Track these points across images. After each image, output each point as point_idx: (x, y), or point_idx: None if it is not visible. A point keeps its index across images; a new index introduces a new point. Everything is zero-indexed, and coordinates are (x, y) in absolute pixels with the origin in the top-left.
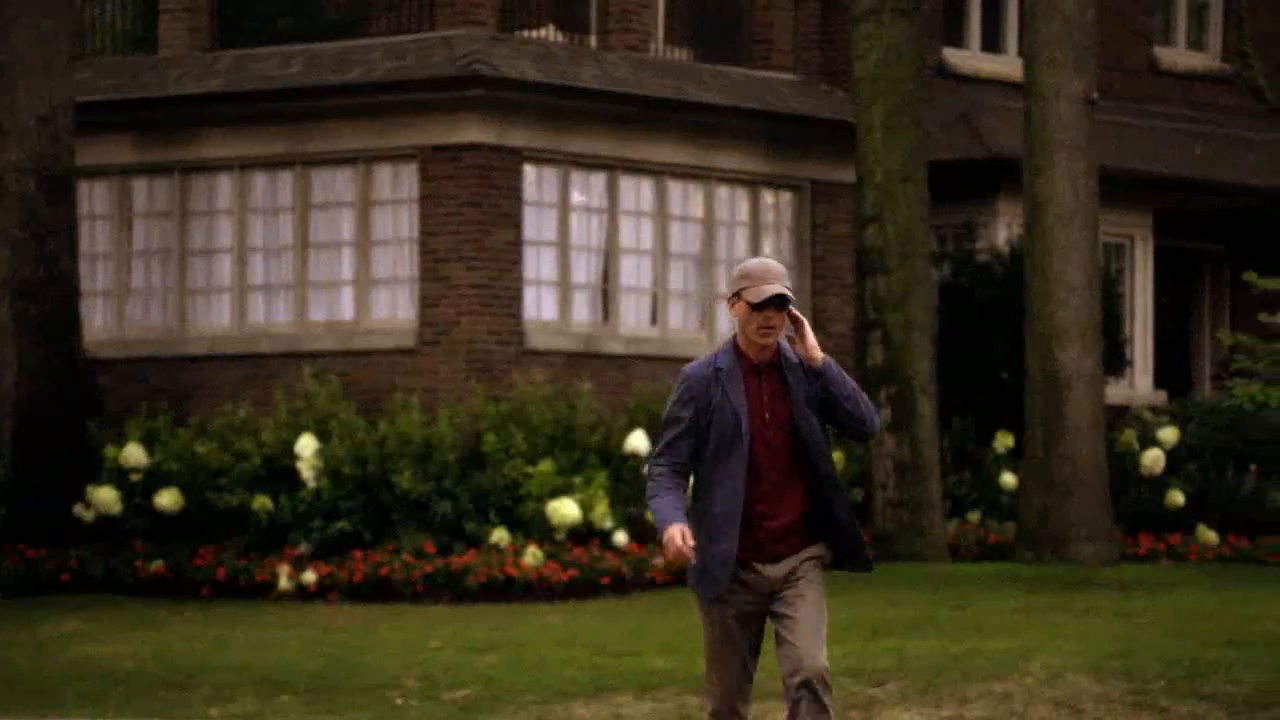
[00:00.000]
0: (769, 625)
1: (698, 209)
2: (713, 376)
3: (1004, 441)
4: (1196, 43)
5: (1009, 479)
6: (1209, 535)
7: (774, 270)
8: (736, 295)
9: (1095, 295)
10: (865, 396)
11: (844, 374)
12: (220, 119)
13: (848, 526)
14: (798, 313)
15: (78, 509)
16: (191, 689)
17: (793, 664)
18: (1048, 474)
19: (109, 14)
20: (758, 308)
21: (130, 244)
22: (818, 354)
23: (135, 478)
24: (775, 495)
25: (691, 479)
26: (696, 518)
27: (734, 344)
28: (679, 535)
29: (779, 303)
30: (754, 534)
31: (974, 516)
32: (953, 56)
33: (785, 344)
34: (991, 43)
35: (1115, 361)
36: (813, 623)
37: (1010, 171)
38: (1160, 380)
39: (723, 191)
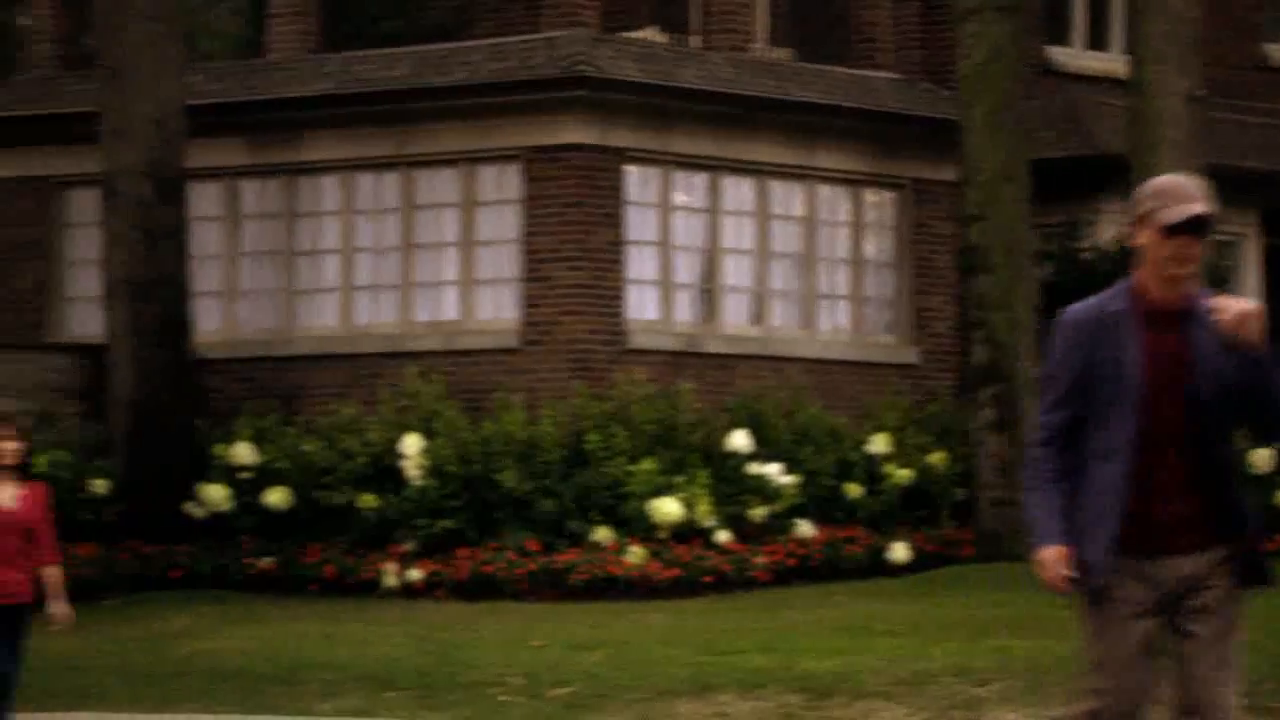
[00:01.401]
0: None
1: (799, 208)
2: (1100, 322)
3: None
4: None
5: None
6: None
7: (1192, 188)
8: (1143, 218)
9: None
10: None
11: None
12: (327, 121)
13: (1251, 526)
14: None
15: (189, 506)
16: (300, 684)
17: (1189, 699)
18: None
19: (219, 18)
20: (1173, 231)
21: (239, 245)
22: (1257, 335)
23: (244, 476)
24: (1168, 477)
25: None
26: (1071, 496)
27: (1131, 284)
28: (1056, 561)
29: (1200, 227)
30: (1142, 521)
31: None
32: (1057, 54)
33: (1201, 294)
34: (1096, 40)
35: None
36: (1222, 647)
37: (1114, 169)
38: None
39: (824, 190)
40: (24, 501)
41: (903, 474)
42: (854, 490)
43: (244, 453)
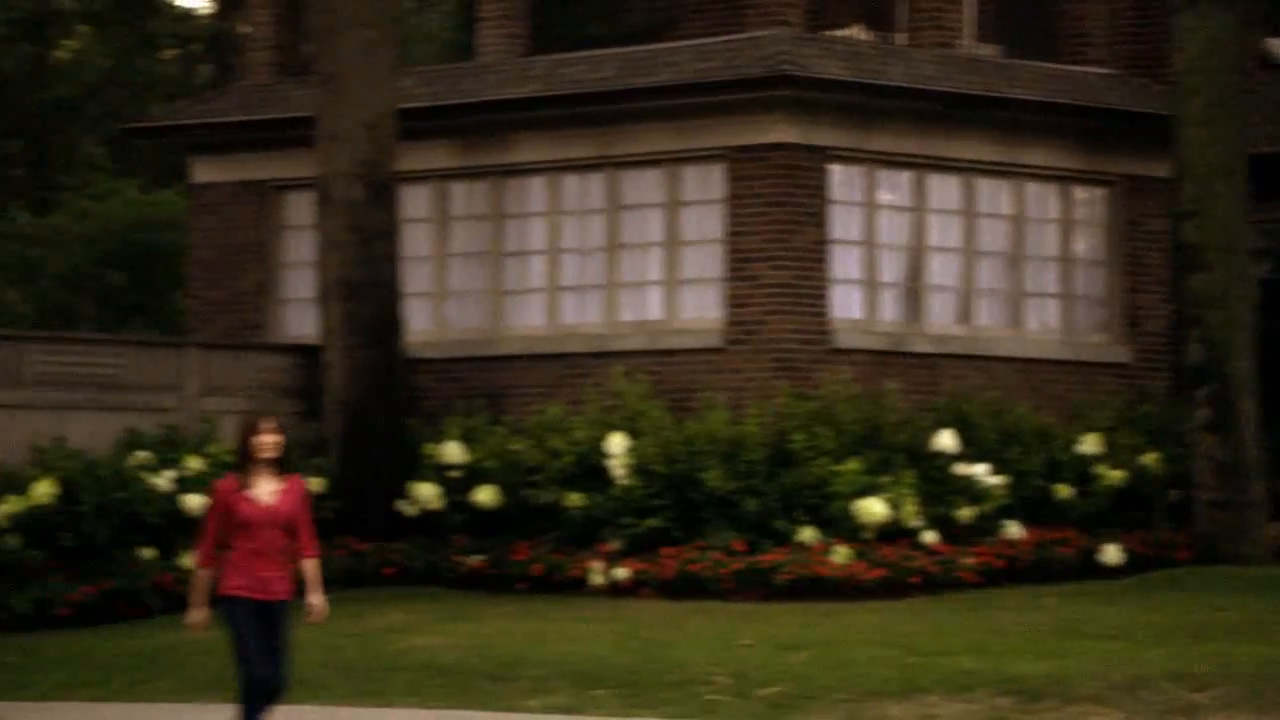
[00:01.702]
0: None
1: (1007, 206)
2: None
3: None
4: None
5: None
6: None
7: None
8: None
9: None
10: None
11: None
12: (534, 123)
13: None
14: None
15: (401, 504)
16: (509, 681)
17: None
18: None
19: (430, 23)
20: None
21: (448, 246)
22: None
23: (454, 474)
24: None
25: None
26: None
27: None
28: None
29: None
30: None
31: None
32: (1276, 46)
33: None
34: None
35: None
36: None
37: None
38: None
39: (1032, 188)
40: (283, 496)
41: (1115, 475)
42: (1064, 491)
43: (454, 451)
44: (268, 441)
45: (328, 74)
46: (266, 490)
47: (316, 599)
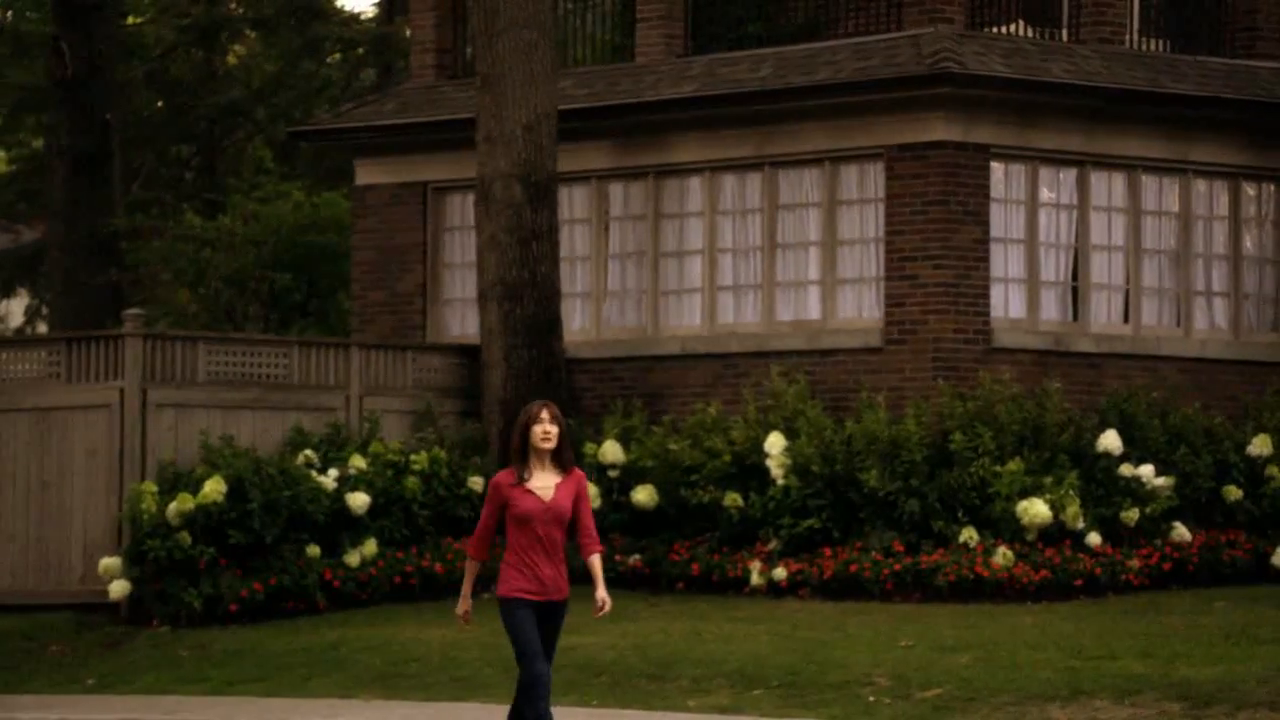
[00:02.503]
0: None
1: (1173, 203)
2: None
3: None
4: None
5: None
6: None
7: None
8: None
9: None
10: None
11: None
12: (692, 123)
13: None
14: None
15: None
16: (669, 680)
17: None
18: None
19: (589, 24)
20: None
21: (607, 247)
22: None
23: (613, 474)
24: None
25: None
26: None
27: None
28: None
29: None
30: None
31: None
32: None
33: None
34: None
35: None
36: None
37: None
38: None
39: (1200, 185)
40: (563, 490)
41: None
42: (1234, 493)
43: (612, 451)
44: (549, 433)
45: (487, 75)
46: (546, 484)
47: (602, 593)
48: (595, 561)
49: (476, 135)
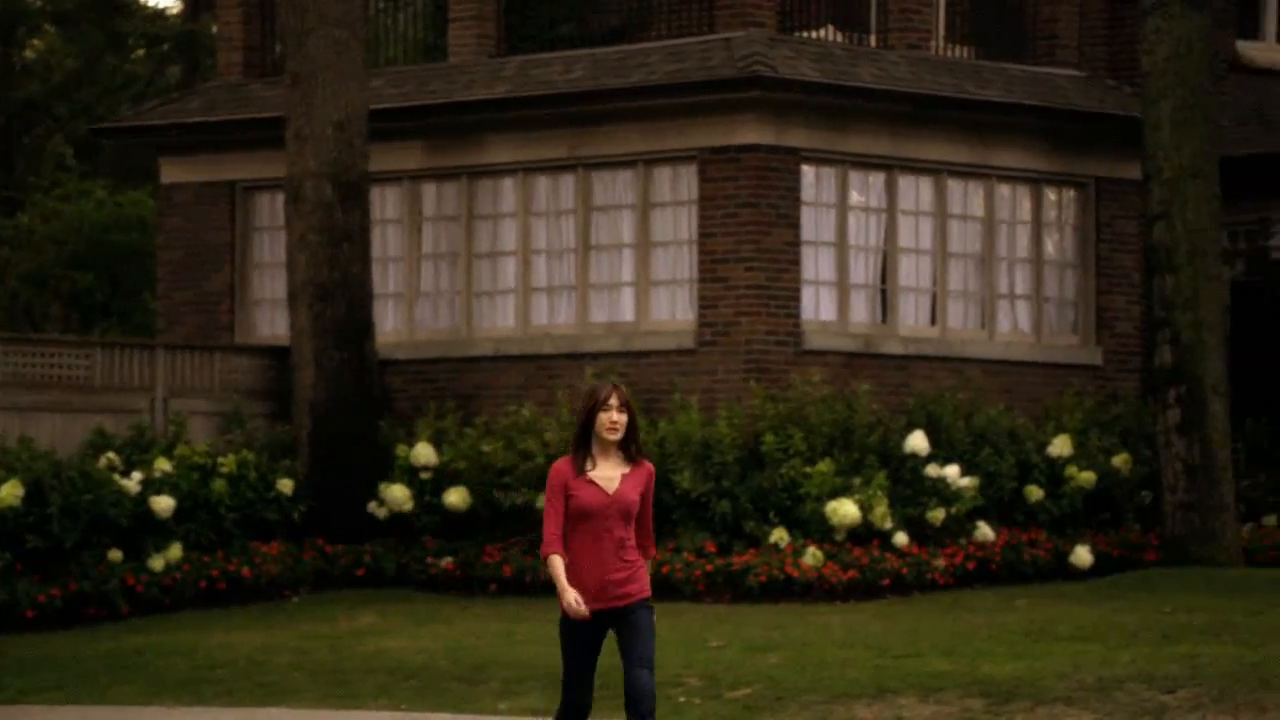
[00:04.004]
0: None
1: (978, 207)
2: None
3: None
4: None
5: None
6: None
7: None
8: None
9: None
10: None
11: None
12: (505, 124)
13: None
14: None
15: (371, 506)
16: (480, 683)
17: None
18: None
19: (401, 23)
20: None
21: (419, 247)
22: None
23: (425, 476)
24: None
25: None
26: None
27: None
28: None
29: None
30: None
31: (1270, 520)
32: (1247, 48)
33: None
34: None
35: None
36: None
37: None
38: None
39: (1004, 189)
40: (629, 483)
41: (1085, 476)
42: (1035, 493)
43: (424, 453)
44: (616, 421)
45: (297, 74)
46: (610, 475)
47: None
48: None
49: (286, 134)
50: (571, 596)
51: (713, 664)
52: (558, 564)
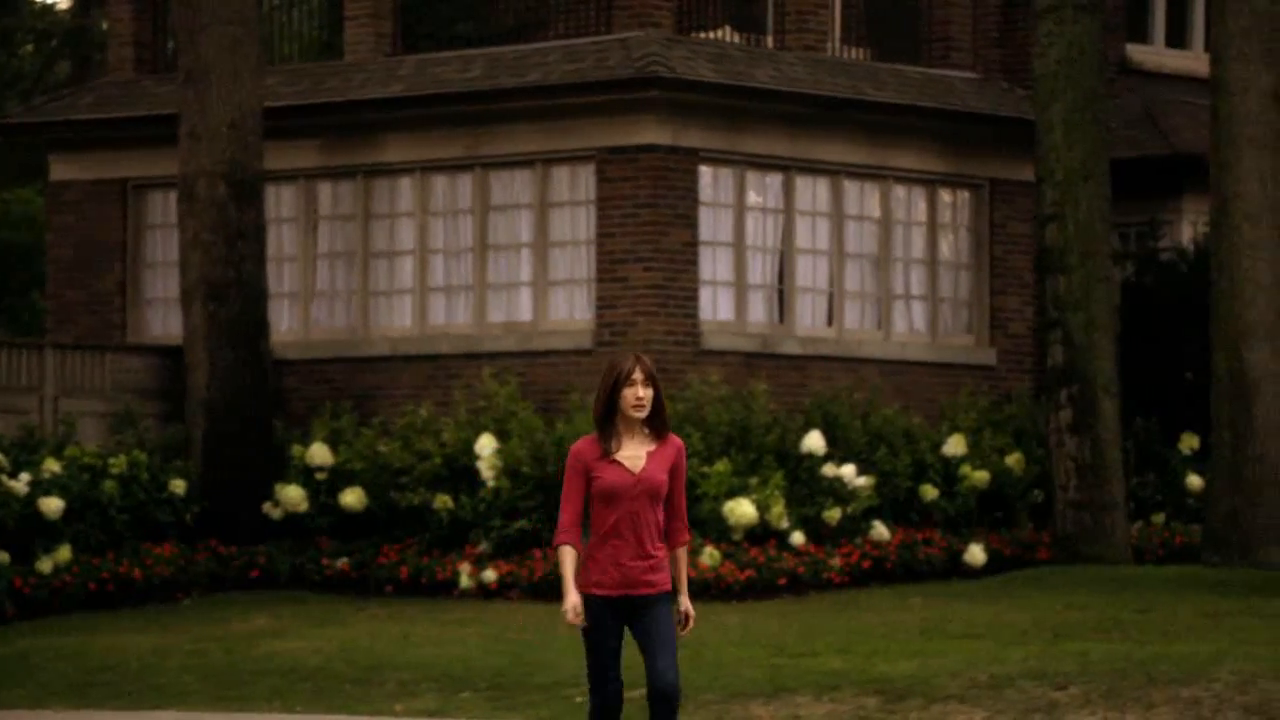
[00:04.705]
0: None
1: (874, 208)
2: None
3: (1189, 443)
4: None
5: (1195, 481)
6: None
7: None
8: None
9: None
10: None
11: None
12: (402, 123)
13: None
14: None
15: (266, 507)
16: (376, 685)
17: None
18: (1236, 476)
19: (296, 20)
20: None
21: (315, 247)
22: None
23: (321, 477)
24: None
25: None
26: None
27: None
28: None
29: None
30: None
31: (1159, 519)
32: (1136, 52)
33: None
34: (1176, 38)
35: None
36: None
37: (1195, 169)
38: None
39: (899, 191)
40: (656, 462)
41: (979, 476)
42: (930, 492)
43: (320, 453)
44: (640, 399)
45: (190, 71)
46: (636, 453)
47: (686, 604)
48: (681, 556)
49: (179, 132)
50: (570, 604)
51: None
52: (568, 558)
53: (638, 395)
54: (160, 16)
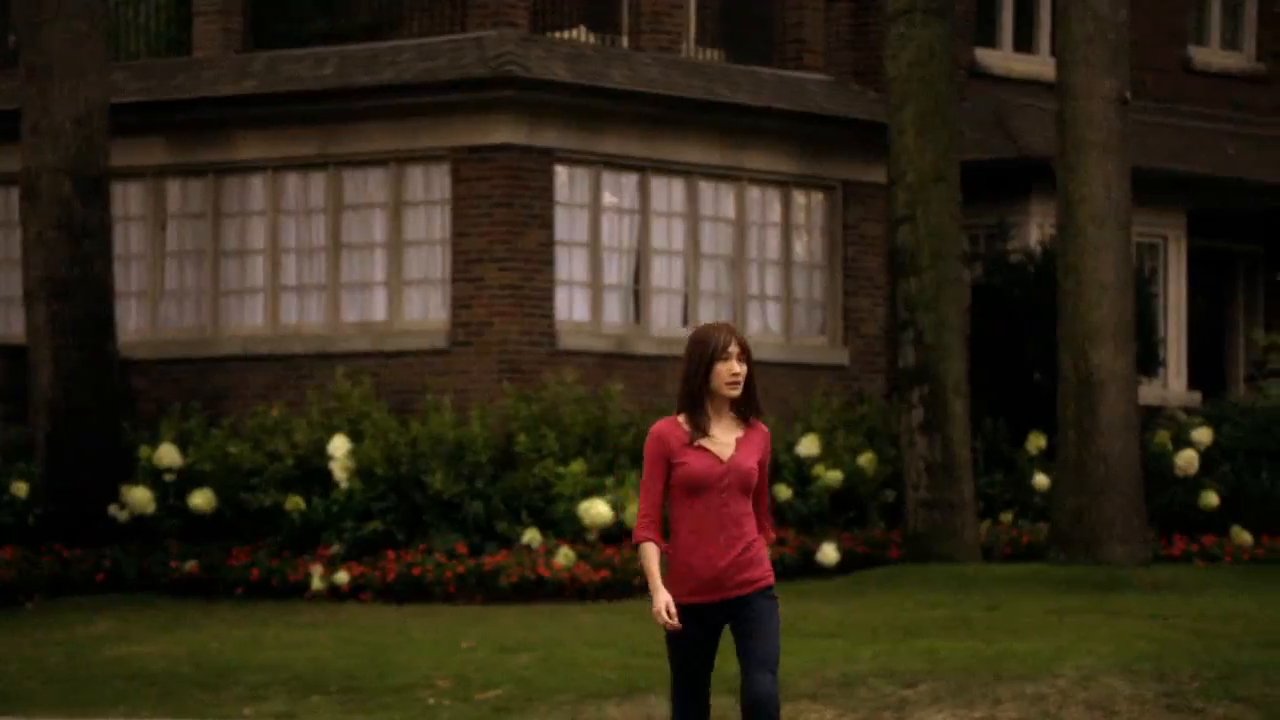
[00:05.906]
0: None
1: (729, 209)
2: None
3: (1036, 442)
4: (1231, 42)
5: (1042, 480)
6: (1243, 536)
7: None
8: None
9: (1128, 296)
10: None
11: None
12: (253, 120)
13: None
14: None
15: (112, 509)
16: (225, 689)
17: None
18: (1081, 475)
19: (143, 16)
20: None
21: (164, 245)
22: None
23: (169, 478)
24: None
25: None
26: None
27: None
28: None
29: None
30: None
31: (1007, 517)
32: (985, 56)
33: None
34: (1024, 43)
35: (1149, 362)
36: None
37: (1042, 172)
38: (1194, 381)
39: (754, 192)
40: (747, 448)
41: (832, 475)
42: (784, 492)
43: (168, 454)
44: (735, 375)
45: (33, 66)
46: (725, 439)
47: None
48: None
49: (22, 128)
50: (663, 602)
51: (464, 665)
52: (651, 555)
53: (733, 371)
54: (1, 10)
